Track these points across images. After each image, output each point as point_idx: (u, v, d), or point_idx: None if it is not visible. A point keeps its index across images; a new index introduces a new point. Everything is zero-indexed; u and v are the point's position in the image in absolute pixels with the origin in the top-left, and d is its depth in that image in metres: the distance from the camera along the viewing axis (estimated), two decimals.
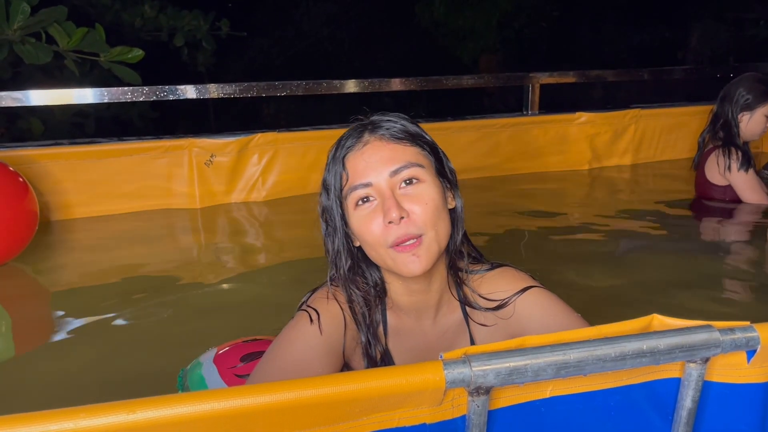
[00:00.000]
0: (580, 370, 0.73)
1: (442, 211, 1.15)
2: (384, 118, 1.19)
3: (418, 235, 1.12)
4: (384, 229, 1.12)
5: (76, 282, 2.51)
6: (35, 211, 2.55)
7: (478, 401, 0.72)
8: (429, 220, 1.12)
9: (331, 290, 1.24)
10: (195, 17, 5.34)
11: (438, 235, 1.14)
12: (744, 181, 2.92)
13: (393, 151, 1.14)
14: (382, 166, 1.13)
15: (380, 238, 1.13)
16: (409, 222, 1.11)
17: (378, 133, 1.16)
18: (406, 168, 1.13)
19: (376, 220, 1.13)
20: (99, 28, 3.50)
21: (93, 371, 1.82)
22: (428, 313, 1.25)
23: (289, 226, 3.14)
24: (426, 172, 1.15)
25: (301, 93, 3.53)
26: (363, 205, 1.15)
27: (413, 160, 1.15)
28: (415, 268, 1.12)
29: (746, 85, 2.93)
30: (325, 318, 1.18)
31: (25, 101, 3.09)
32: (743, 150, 2.93)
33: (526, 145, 3.79)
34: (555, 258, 2.57)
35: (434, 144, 1.22)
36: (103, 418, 0.62)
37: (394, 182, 1.13)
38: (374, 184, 1.13)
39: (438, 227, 1.14)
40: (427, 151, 1.18)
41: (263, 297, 2.33)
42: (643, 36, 8.87)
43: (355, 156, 1.16)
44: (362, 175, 1.14)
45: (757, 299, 2.18)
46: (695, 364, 0.78)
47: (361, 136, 1.17)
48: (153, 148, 3.14)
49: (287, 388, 0.67)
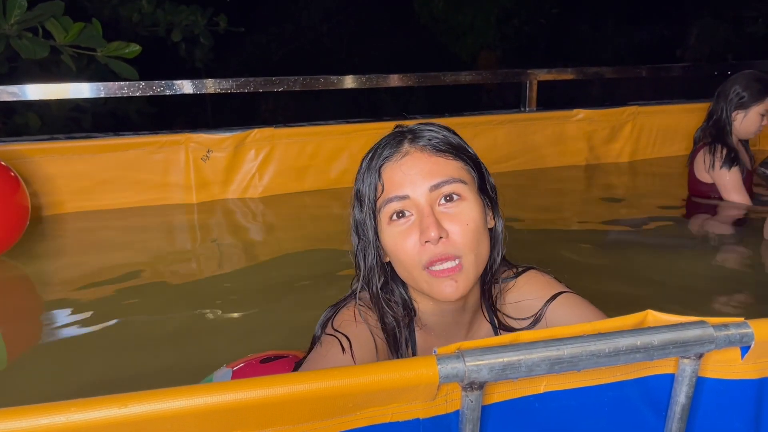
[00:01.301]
0: (573, 366, 0.73)
1: (483, 232, 1.08)
2: (425, 127, 1.11)
3: (456, 256, 1.04)
4: (420, 248, 1.04)
5: (70, 277, 2.50)
6: (26, 205, 2.55)
7: (472, 396, 0.72)
8: (470, 243, 1.05)
9: (358, 309, 1.15)
10: (192, 12, 5.33)
11: (477, 258, 1.07)
12: (725, 179, 2.90)
13: (434, 164, 1.06)
14: (421, 179, 1.05)
15: (415, 257, 1.05)
16: (447, 243, 1.03)
17: (419, 144, 1.07)
18: (447, 183, 1.05)
19: (411, 238, 1.05)
20: (96, 23, 3.49)
21: (85, 368, 1.82)
22: (459, 333, 1.18)
23: (286, 222, 3.14)
24: (468, 189, 1.07)
25: (298, 89, 3.52)
26: (398, 220, 1.06)
27: (456, 174, 1.07)
28: (452, 294, 1.05)
29: (742, 83, 2.91)
30: (357, 345, 1.08)
31: (21, 96, 3.08)
32: (730, 148, 2.91)
33: (524, 142, 3.79)
34: (550, 254, 2.58)
35: (477, 158, 1.13)
36: (96, 412, 0.62)
37: (434, 197, 1.05)
38: (412, 198, 1.05)
39: (478, 250, 1.06)
40: (470, 165, 1.10)
41: (261, 294, 2.33)
42: (642, 33, 8.87)
43: (392, 167, 1.07)
44: (399, 188, 1.06)
45: (752, 296, 2.18)
46: (689, 360, 0.78)
47: (399, 145, 1.08)
48: (149, 143, 3.14)
49: (280, 382, 0.67)
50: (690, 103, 4.11)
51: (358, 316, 1.13)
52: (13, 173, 2.53)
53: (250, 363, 1.46)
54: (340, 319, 1.15)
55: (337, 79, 3.58)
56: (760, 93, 2.89)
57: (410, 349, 1.17)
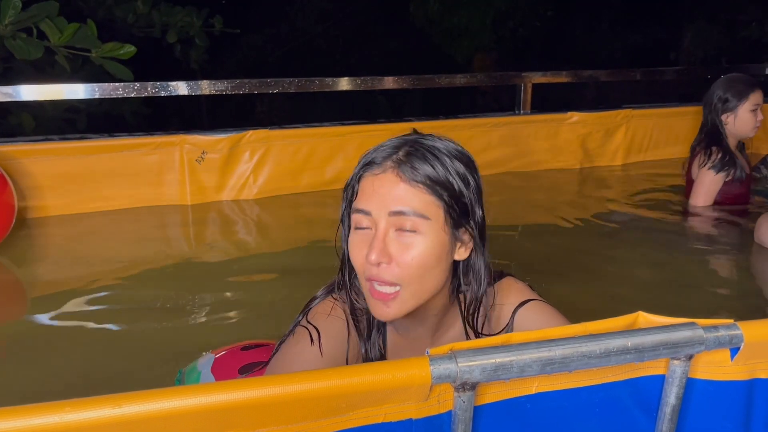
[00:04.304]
0: (565, 367, 0.74)
1: (433, 268, 1.09)
2: (420, 151, 1.09)
3: (394, 283, 1.07)
4: (366, 263, 1.08)
5: (62, 278, 2.49)
6: (12, 204, 2.54)
7: (464, 397, 0.73)
8: (410, 276, 1.07)
9: (334, 299, 1.20)
10: (188, 14, 5.32)
11: (419, 291, 1.09)
12: (705, 180, 2.92)
13: (404, 192, 1.06)
14: (386, 203, 1.06)
15: (361, 268, 1.10)
16: (387, 269, 1.06)
17: (401, 168, 1.07)
18: (407, 215, 1.06)
19: (362, 250, 1.08)
20: (91, 24, 3.48)
21: (74, 368, 1.81)
22: (426, 334, 1.22)
23: (280, 223, 3.14)
24: (429, 225, 1.07)
25: (293, 90, 3.52)
26: (359, 231, 1.10)
27: (419, 209, 1.06)
28: (383, 316, 1.09)
29: (723, 87, 2.94)
30: (326, 337, 1.14)
31: (15, 96, 3.07)
32: (725, 152, 2.92)
33: (518, 145, 3.80)
34: (543, 256, 2.59)
35: (461, 194, 1.10)
36: (89, 412, 0.62)
37: (393, 222, 1.07)
38: (373, 216, 1.08)
39: (420, 284, 1.08)
40: (444, 202, 1.08)
41: (255, 296, 2.33)
42: (637, 37, 8.90)
43: (369, 178, 1.09)
44: (366, 202, 1.08)
45: (742, 298, 2.20)
46: (679, 361, 0.79)
47: (387, 159, 1.09)
48: (144, 144, 3.13)
49: (273, 383, 0.67)
50: (684, 107, 4.13)
51: (334, 310, 1.19)
52: (0, 171, 2.53)
53: (232, 350, 1.54)
54: (315, 310, 1.20)
55: (332, 80, 3.58)
56: (743, 91, 2.90)
57: (381, 338, 1.22)
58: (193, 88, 3.30)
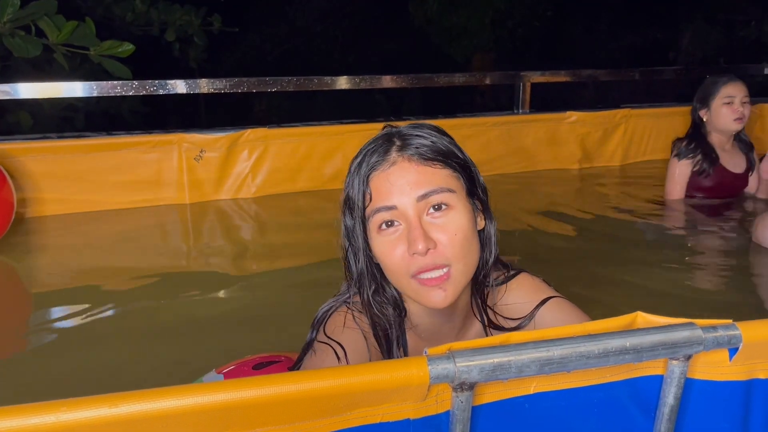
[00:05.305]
0: (563, 367, 0.74)
1: (471, 239, 1.07)
2: (414, 132, 1.08)
3: (444, 265, 1.04)
4: (408, 258, 1.04)
5: (58, 277, 2.49)
6: (11, 201, 2.54)
7: (462, 397, 0.73)
8: (458, 252, 1.04)
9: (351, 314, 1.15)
10: (186, 12, 5.31)
11: (466, 266, 1.07)
12: (672, 170, 3.06)
13: (422, 174, 1.05)
14: (409, 190, 1.04)
15: (403, 267, 1.05)
16: (435, 253, 1.03)
17: (407, 153, 1.06)
18: (435, 193, 1.04)
19: (399, 248, 1.04)
20: (89, 22, 3.47)
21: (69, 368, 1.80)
22: (450, 334, 1.19)
23: (278, 222, 3.14)
24: (456, 197, 1.06)
25: (292, 89, 3.51)
26: (387, 230, 1.06)
27: (443, 184, 1.05)
28: (441, 302, 1.05)
29: (700, 90, 3.10)
30: (351, 352, 1.09)
31: (13, 94, 3.06)
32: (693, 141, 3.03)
33: (517, 144, 3.80)
34: (542, 256, 2.58)
35: (467, 162, 1.12)
36: (86, 412, 0.62)
37: (422, 207, 1.04)
38: (399, 208, 1.04)
39: (467, 258, 1.06)
40: (458, 171, 1.09)
41: (253, 294, 2.33)
42: (635, 37, 8.91)
43: (380, 176, 1.06)
44: (387, 198, 1.04)
45: (740, 298, 2.20)
46: (678, 361, 0.79)
47: (387, 153, 1.07)
48: (142, 142, 3.12)
49: (271, 382, 0.67)
50: (682, 106, 4.12)
51: (351, 321, 1.14)
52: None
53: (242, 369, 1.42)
54: (332, 324, 1.14)
55: (330, 79, 3.58)
56: (713, 86, 3.04)
57: (402, 350, 1.18)
58: (191, 87, 3.29)
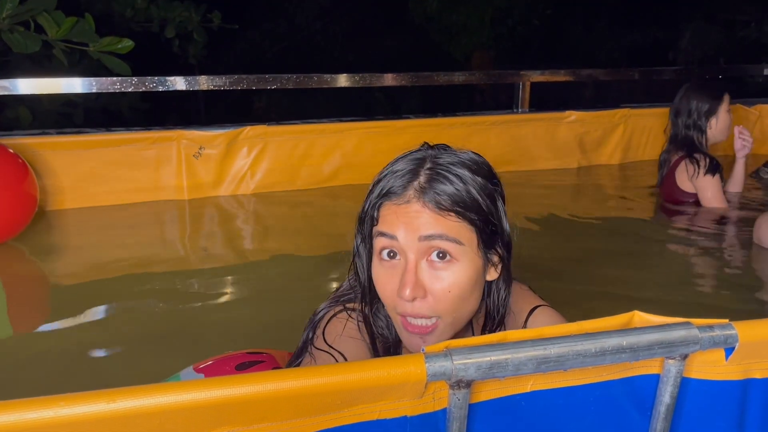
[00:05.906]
0: (560, 365, 0.74)
1: (470, 293, 1.02)
2: (442, 172, 0.99)
3: (431, 316, 1.00)
4: (397, 297, 0.99)
5: (55, 275, 2.49)
6: (34, 194, 2.56)
7: (459, 394, 0.73)
8: (449, 307, 1.00)
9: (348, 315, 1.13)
10: (186, 9, 5.30)
11: (456, 320, 1.02)
12: (710, 185, 2.96)
13: (432, 219, 0.98)
14: (413, 229, 0.98)
15: (391, 302, 1.02)
16: (423, 304, 0.99)
17: (424, 198, 0.98)
18: (440, 239, 0.98)
19: (391, 283, 1.00)
20: (88, 18, 3.46)
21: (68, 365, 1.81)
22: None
23: (277, 220, 3.14)
24: (463, 251, 0.99)
25: (291, 86, 3.51)
26: (388, 261, 1.01)
27: (452, 234, 0.98)
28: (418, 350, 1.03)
29: (696, 95, 3.03)
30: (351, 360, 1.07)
31: (12, 90, 3.06)
32: (710, 156, 2.98)
33: (516, 143, 3.80)
34: (540, 255, 2.59)
35: (491, 214, 1.03)
36: (84, 407, 0.62)
37: (424, 249, 0.98)
38: (400, 241, 0.99)
39: (458, 312, 1.02)
40: (475, 225, 1.00)
41: (251, 291, 2.33)
42: (635, 36, 8.90)
43: (390, 206, 1.01)
44: (390, 227, 1.00)
45: (738, 297, 2.21)
46: (674, 360, 0.79)
47: (406, 189, 1.00)
48: (141, 139, 3.12)
49: (268, 379, 0.67)
50: None
51: (351, 330, 1.11)
52: (21, 160, 2.54)
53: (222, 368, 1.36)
54: (333, 332, 1.11)
55: (330, 77, 3.58)
56: (717, 94, 3.01)
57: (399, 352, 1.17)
58: (191, 84, 3.29)
